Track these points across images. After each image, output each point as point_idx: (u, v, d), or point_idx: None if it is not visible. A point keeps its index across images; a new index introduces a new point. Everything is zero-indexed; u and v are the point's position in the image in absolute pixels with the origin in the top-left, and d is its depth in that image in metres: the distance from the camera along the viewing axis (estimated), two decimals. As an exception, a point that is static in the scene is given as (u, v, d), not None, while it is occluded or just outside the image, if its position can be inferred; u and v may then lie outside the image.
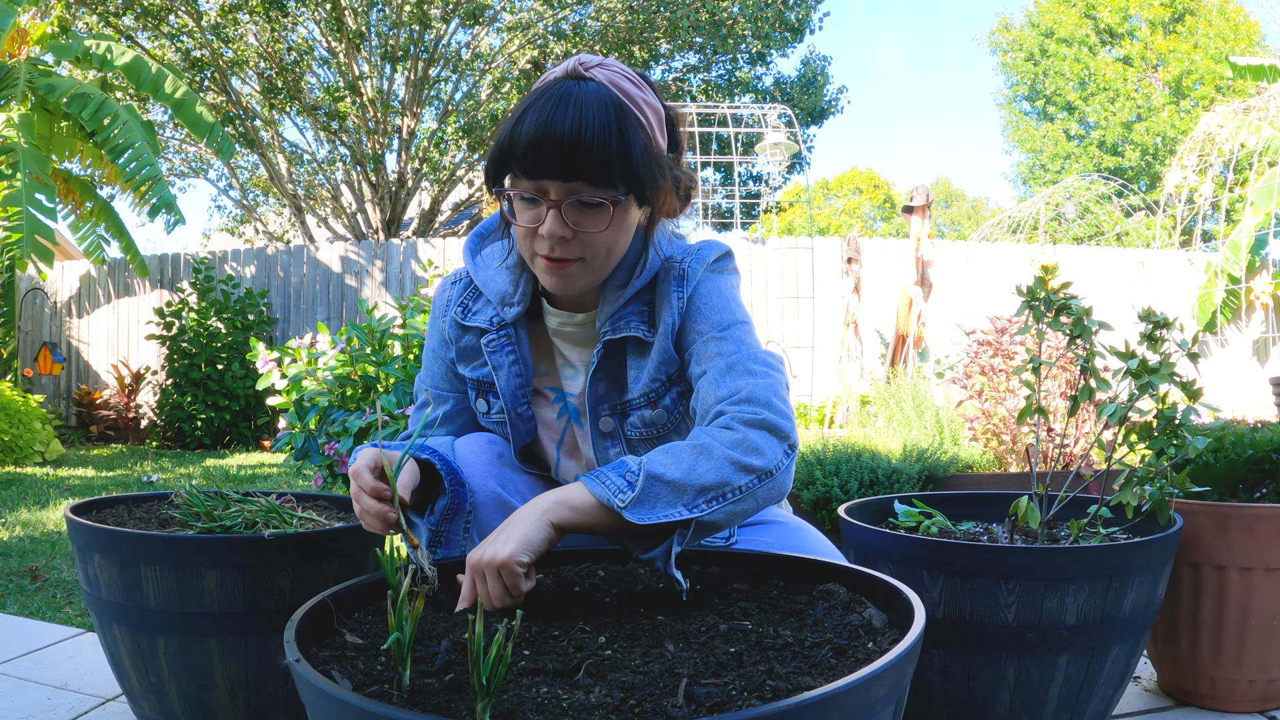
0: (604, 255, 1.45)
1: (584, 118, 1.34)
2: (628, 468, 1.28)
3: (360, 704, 0.83)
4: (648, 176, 1.41)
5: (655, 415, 1.57)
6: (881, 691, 0.90)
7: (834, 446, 3.62)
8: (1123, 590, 1.80)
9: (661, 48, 16.11)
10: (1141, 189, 24.54)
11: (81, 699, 2.29)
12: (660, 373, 1.55)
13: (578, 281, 1.47)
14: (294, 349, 3.48)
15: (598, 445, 1.62)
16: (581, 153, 1.34)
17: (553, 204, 1.38)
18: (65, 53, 9.08)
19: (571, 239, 1.41)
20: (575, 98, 1.35)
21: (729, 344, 1.48)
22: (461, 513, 1.51)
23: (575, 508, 1.26)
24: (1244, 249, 10.36)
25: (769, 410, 1.36)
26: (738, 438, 1.33)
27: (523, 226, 1.42)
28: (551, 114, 1.34)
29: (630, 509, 1.23)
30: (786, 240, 10.71)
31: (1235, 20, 27.61)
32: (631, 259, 1.54)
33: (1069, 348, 1.99)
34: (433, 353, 1.74)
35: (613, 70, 1.43)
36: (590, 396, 1.59)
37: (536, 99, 1.37)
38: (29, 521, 4.84)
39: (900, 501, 2.23)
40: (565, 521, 1.25)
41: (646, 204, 1.48)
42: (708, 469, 1.29)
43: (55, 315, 11.54)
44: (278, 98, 15.17)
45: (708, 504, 1.27)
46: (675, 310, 1.53)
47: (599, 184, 1.37)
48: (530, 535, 1.22)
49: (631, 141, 1.37)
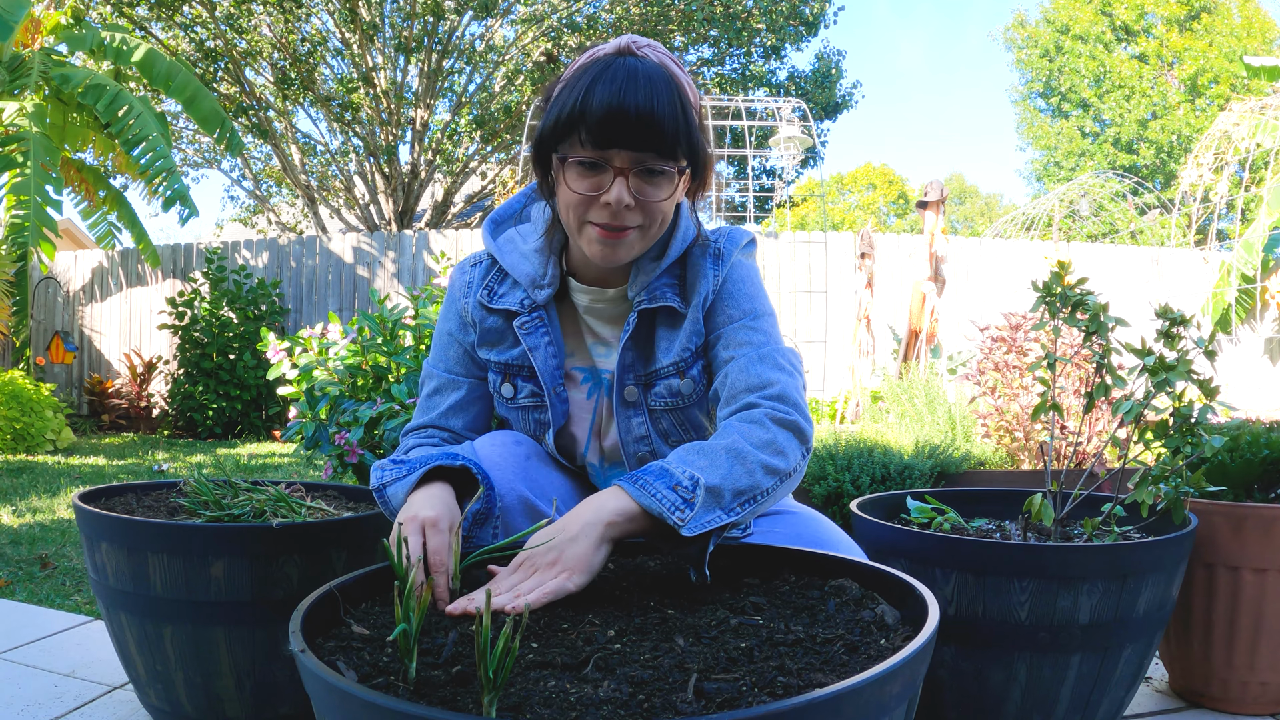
0: (659, 224, 1.51)
1: (655, 92, 1.40)
2: (675, 479, 1.29)
3: (365, 695, 0.82)
4: (703, 150, 1.49)
5: (683, 385, 1.60)
6: (895, 689, 0.89)
7: (846, 442, 3.60)
8: (1137, 590, 1.79)
9: (675, 40, 16.07)
10: (1156, 187, 24.41)
11: (88, 686, 2.29)
12: (691, 343, 1.59)
13: (631, 250, 1.51)
14: (305, 339, 3.47)
15: (620, 414, 1.64)
16: (654, 124, 1.40)
17: (619, 171, 1.43)
18: (79, 43, 9.10)
19: (633, 207, 1.45)
20: (644, 73, 1.42)
21: (759, 334, 1.56)
22: (491, 518, 1.49)
23: (632, 519, 1.28)
24: (1258, 248, 10.29)
25: (797, 412, 1.44)
26: (768, 438, 1.39)
27: (580, 194, 1.45)
28: (625, 86, 1.39)
29: (686, 526, 1.26)
30: (800, 235, 10.68)
31: (1252, 18, 27.44)
32: (664, 235, 1.59)
33: (1085, 344, 1.97)
34: (448, 336, 1.73)
35: (660, 52, 1.50)
36: (618, 366, 1.61)
37: (601, 71, 1.42)
38: (40, 509, 4.86)
39: (913, 497, 2.22)
40: (621, 535, 1.29)
41: (699, 177, 1.54)
42: (742, 473, 1.33)
43: (68, 304, 11.58)
44: (291, 89, 15.17)
45: (741, 507, 1.32)
46: (710, 286, 1.59)
47: (666, 154, 1.44)
48: (595, 563, 1.25)
49: (690, 117, 1.45)
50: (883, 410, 4.75)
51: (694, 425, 1.65)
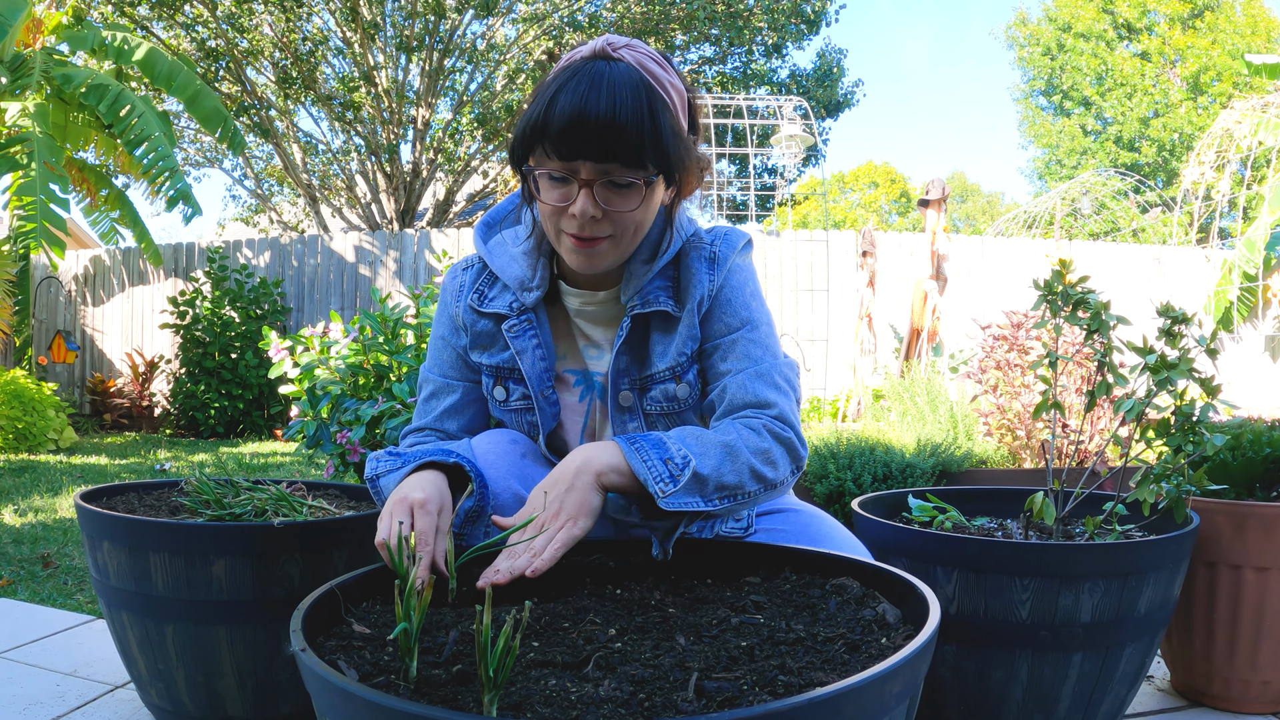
0: (632, 234, 1.48)
1: (618, 100, 1.35)
2: (669, 454, 1.34)
3: (365, 695, 0.82)
4: (676, 157, 1.43)
5: (679, 390, 1.59)
6: (896, 688, 0.88)
7: (847, 440, 3.60)
8: (1138, 588, 1.79)
9: (677, 39, 16.06)
10: (1158, 185, 24.40)
11: (90, 686, 2.30)
12: (686, 347, 1.57)
13: (605, 260, 1.49)
14: (307, 337, 3.47)
15: (615, 420, 1.63)
16: (616, 134, 1.35)
17: (584, 183, 1.39)
18: (81, 43, 9.10)
19: (601, 218, 1.42)
20: (608, 79, 1.36)
21: (758, 348, 1.55)
22: (484, 516, 1.49)
23: (623, 473, 1.33)
24: (1260, 246, 10.28)
25: (794, 433, 1.46)
26: (764, 446, 1.41)
27: (550, 205, 1.43)
28: (586, 95, 1.35)
29: (666, 499, 1.30)
30: (801, 233, 10.67)
31: (1255, 16, 27.40)
32: (655, 236, 1.57)
33: (1086, 342, 1.97)
34: (442, 340, 1.73)
35: (639, 51, 1.44)
36: (612, 371, 1.60)
37: (568, 79, 1.37)
38: (41, 508, 4.86)
39: (914, 496, 2.22)
40: (612, 486, 1.33)
41: (673, 184, 1.50)
42: (731, 470, 1.37)
43: (69, 304, 11.59)
44: (293, 88, 15.17)
45: (721, 501, 1.36)
46: (706, 290, 1.56)
47: (631, 165, 1.39)
48: (594, 505, 1.30)
49: (662, 123, 1.39)
50: (884, 409, 4.75)
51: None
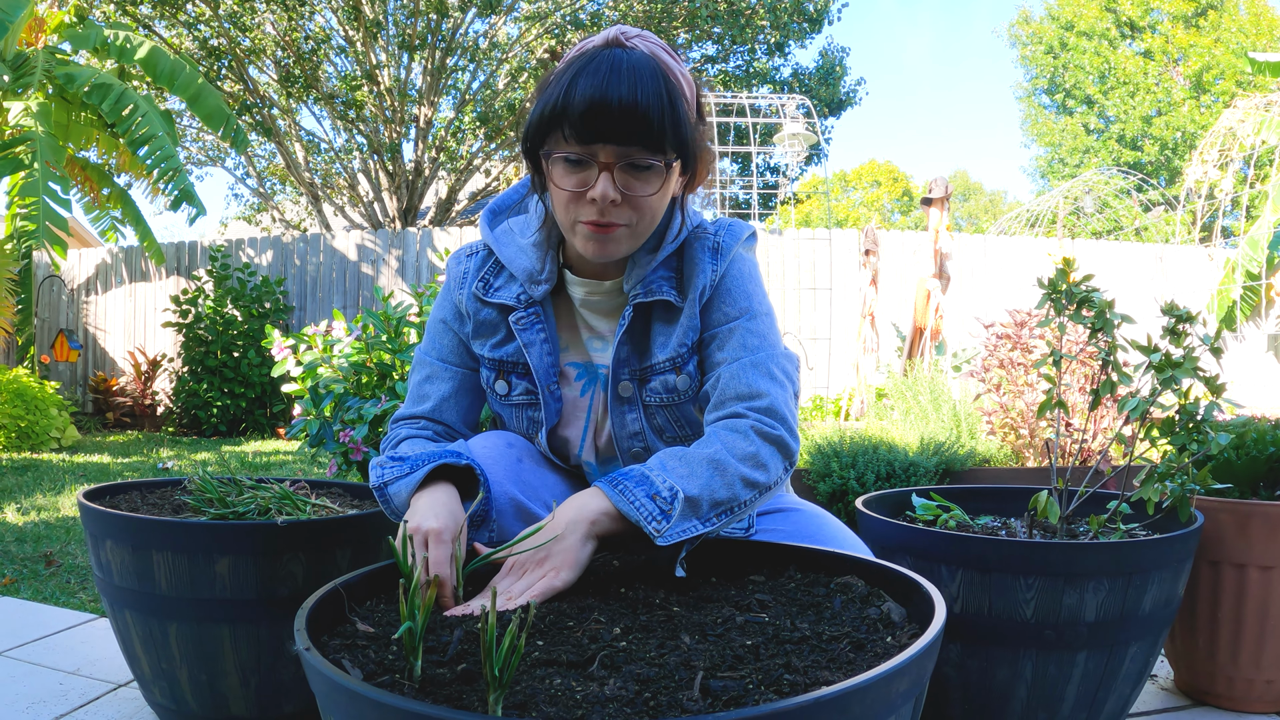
0: (649, 219, 1.47)
1: (640, 83, 1.36)
2: (654, 488, 1.32)
3: (370, 694, 0.81)
4: (693, 143, 1.44)
5: (679, 381, 1.58)
6: (901, 687, 0.88)
7: (851, 439, 3.60)
8: (1143, 587, 1.78)
9: (679, 38, 16.05)
10: (1161, 184, 24.36)
11: (93, 684, 2.30)
12: (687, 338, 1.56)
13: (620, 247, 1.48)
14: (309, 336, 3.47)
15: (614, 410, 1.62)
16: (638, 118, 1.36)
17: (604, 167, 1.39)
18: (83, 42, 9.09)
19: (620, 203, 1.42)
20: (628, 64, 1.37)
21: (755, 337, 1.53)
22: (488, 520, 1.47)
23: (613, 517, 1.32)
24: (1263, 245, 10.27)
25: (784, 427, 1.45)
26: (751, 451, 1.40)
27: (567, 191, 1.43)
28: (608, 78, 1.35)
29: (662, 537, 1.29)
30: (804, 231, 10.67)
31: (1259, 15, 27.36)
32: (661, 226, 1.57)
33: (1090, 341, 1.96)
34: (442, 324, 1.70)
35: (652, 42, 1.45)
36: (613, 360, 1.59)
37: (585, 64, 1.38)
38: (44, 507, 4.86)
39: (918, 495, 2.21)
40: (606, 531, 1.32)
41: (689, 170, 1.50)
42: (721, 485, 1.36)
43: (72, 302, 11.59)
44: (295, 86, 15.16)
45: (718, 518, 1.35)
46: (708, 280, 1.56)
47: (652, 148, 1.39)
48: (582, 558, 1.29)
49: (679, 108, 1.40)
50: (887, 407, 4.75)
51: (689, 421, 1.62)
